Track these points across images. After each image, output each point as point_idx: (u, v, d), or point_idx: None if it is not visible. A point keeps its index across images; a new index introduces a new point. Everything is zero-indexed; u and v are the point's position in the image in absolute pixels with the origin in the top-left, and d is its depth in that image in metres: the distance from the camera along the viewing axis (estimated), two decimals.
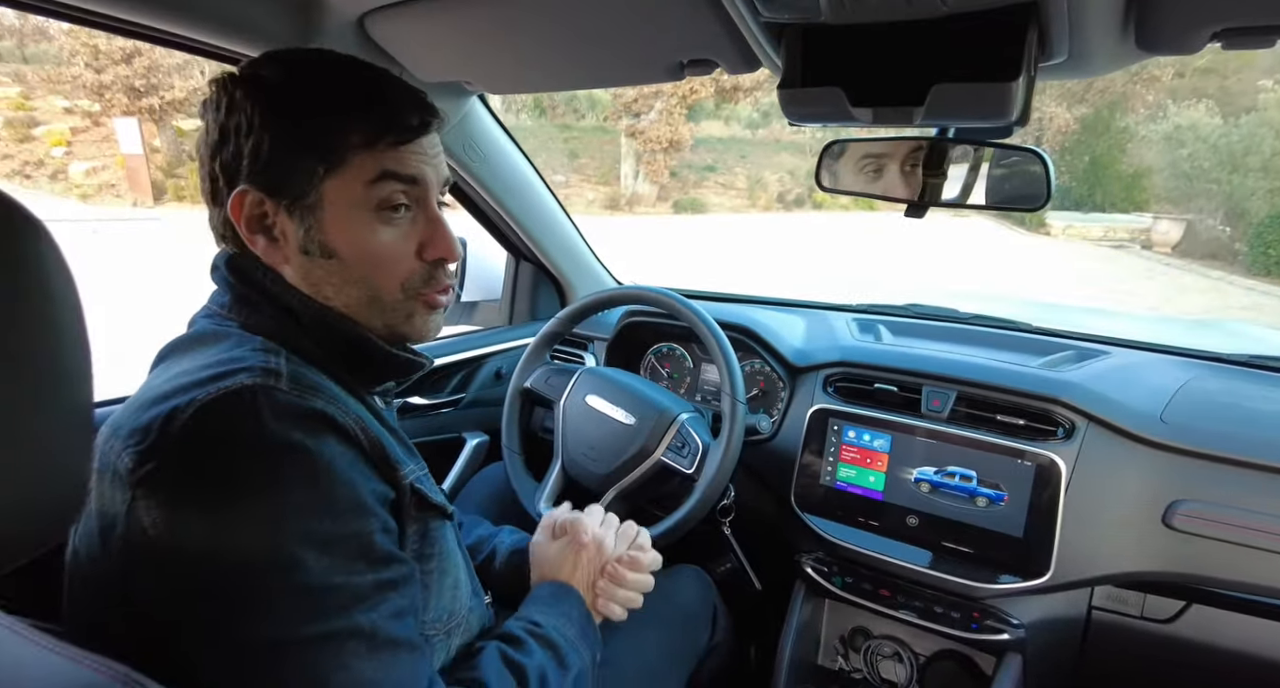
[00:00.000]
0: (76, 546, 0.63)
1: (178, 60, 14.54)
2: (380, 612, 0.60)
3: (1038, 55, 0.68)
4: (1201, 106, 17.10)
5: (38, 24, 15.79)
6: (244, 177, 0.67)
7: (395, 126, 0.68)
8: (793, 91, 0.77)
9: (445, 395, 1.61)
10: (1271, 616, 1.06)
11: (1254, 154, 15.02)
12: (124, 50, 13.50)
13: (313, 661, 0.56)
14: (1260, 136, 15.11)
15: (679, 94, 16.36)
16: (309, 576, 0.56)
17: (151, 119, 14.21)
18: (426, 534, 0.73)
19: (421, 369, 0.80)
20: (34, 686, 0.40)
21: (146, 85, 13.84)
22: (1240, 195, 14.84)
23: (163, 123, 14.49)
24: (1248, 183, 14.84)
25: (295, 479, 0.57)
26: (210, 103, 0.68)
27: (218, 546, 0.54)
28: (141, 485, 0.55)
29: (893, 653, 1.34)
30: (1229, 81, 20.74)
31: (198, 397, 0.57)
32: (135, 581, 0.56)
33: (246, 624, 0.54)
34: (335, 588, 0.57)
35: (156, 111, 14.11)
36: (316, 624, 0.56)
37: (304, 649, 0.55)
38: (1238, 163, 15.13)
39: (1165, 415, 1.15)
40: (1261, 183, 14.74)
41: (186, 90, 14.42)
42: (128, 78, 13.67)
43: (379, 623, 0.59)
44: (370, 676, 0.58)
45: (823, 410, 1.33)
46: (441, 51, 1.06)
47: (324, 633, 0.56)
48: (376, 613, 0.60)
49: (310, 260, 0.69)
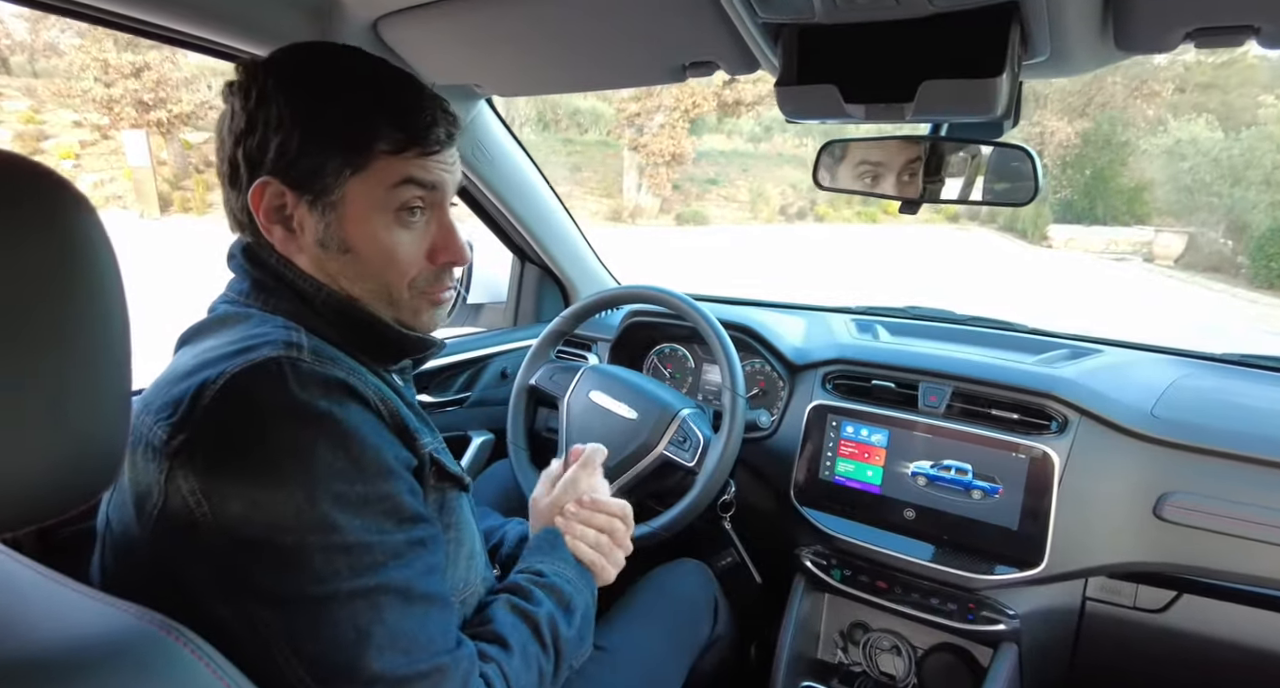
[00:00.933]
0: (109, 516, 0.66)
1: (185, 74, 14.72)
2: (413, 568, 0.63)
3: (1021, 53, 0.72)
4: (1202, 121, 17.21)
5: (48, 40, 15.99)
6: (267, 168, 0.68)
7: (424, 139, 0.71)
8: (789, 89, 0.80)
9: (451, 394, 1.64)
10: (1260, 604, 1.08)
11: (1255, 168, 15.09)
12: (133, 65, 13.68)
13: (351, 614, 0.58)
14: (1261, 150, 15.19)
15: (681, 107, 16.50)
16: (344, 535, 0.58)
17: (159, 132, 14.36)
18: (445, 504, 0.76)
19: (434, 347, 0.82)
20: (76, 628, 0.43)
21: (155, 99, 14.00)
22: (1242, 208, 14.90)
23: (170, 136, 14.63)
24: (1249, 196, 14.91)
25: (324, 444, 0.59)
26: (238, 87, 0.69)
27: (255, 509, 0.57)
28: (177, 456, 0.58)
29: (891, 646, 1.36)
30: (1230, 96, 20.84)
31: (226, 369, 0.59)
32: (174, 547, 0.59)
33: (287, 582, 0.57)
34: (369, 546, 0.60)
35: (164, 125, 14.26)
36: (354, 580, 0.59)
37: (343, 604, 0.58)
38: (1239, 176, 15.20)
39: (1156, 410, 1.18)
40: (1263, 196, 14.80)
41: (194, 104, 14.58)
42: (136, 92, 13.82)
43: (412, 579, 0.62)
44: (406, 627, 0.61)
45: (821, 407, 1.36)
46: (452, 55, 1.10)
47: (361, 588, 0.59)
48: (410, 569, 0.63)
49: (326, 253, 0.71)
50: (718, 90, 17.08)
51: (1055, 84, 21.04)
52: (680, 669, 1.13)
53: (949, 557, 1.21)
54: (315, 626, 0.57)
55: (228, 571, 0.58)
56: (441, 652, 0.63)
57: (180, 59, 15.03)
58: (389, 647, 0.59)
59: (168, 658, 0.43)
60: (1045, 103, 21.02)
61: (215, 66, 18.49)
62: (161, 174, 14.48)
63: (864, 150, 1.14)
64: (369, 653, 0.58)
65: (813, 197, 20.55)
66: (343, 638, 0.58)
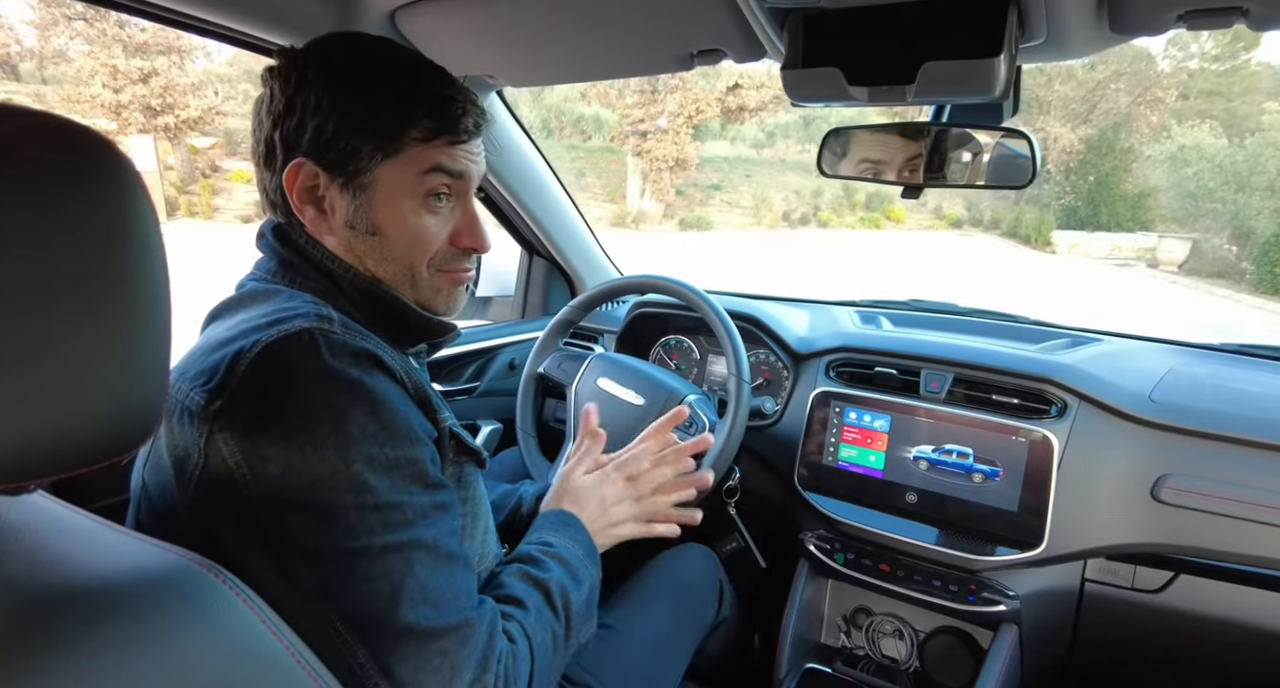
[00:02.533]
0: (145, 480, 0.68)
1: (193, 80, 14.84)
2: (440, 529, 0.66)
3: (1018, 35, 0.75)
4: (1206, 127, 17.21)
5: (58, 47, 16.11)
6: (303, 150, 0.72)
7: (454, 128, 0.74)
8: (794, 73, 0.83)
9: (460, 384, 1.66)
10: (1255, 584, 1.10)
11: (1259, 174, 15.10)
12: (141, 70, 13.81)
13: (385, 569, 0.61)
14: (1266, 157, 15.19)
15: (685, 114, 16.58)
16: (376, 495, 0.61)
17: (166, 137, 14.48)
18: (462, 478, 0.78)
19: (452, 332, 0.86)
20: (119, 564, 0.45)
21: (162, 104, 14.13)
22: (1246, 215, 14.90)
23: (177, 141, 14.75)
24: (1253, 202, 14.91)
25: (357, 409, 0.62)
26: (278, 72, 0.73)
27: (292, 470, 0.59)
28: (216, 420, 0.60)
29: (894, 630, 1.38)
30: (1234, 104, 20.90)
31: (261, 339, 0.62)
32: (215, 507, 0.61)
33: (324, 538, 0.60)
34: (399, 506, 0.63)
35: (171, 130, 14.38)
36: (386, 536, 0.61)
37: (376, 559, 0.61)
38: (1243, 183, 15.20)
39: (1154, 395, 1.20)
40: (1267, 202, 14.81)
41: (201, 109, 14.71)
42: (144, 97, 13.96)
43: (440, 538, 0.66)
44: (435, 583, 0.63)
45: (825, 393, 1.38)
46: (466, 46, 1.13)
47: (393, 544, 0.62)
48: (437, 530, 0.66)
49: (355, 235, 0.75)
50: (721, 96, 17.17)
51: (1059, 90, 21.08)
52: (685, 650, 1.16)
53: (950, 539, 1.23)
54: (351, 579, 0.60)
55: (267, 529, 0.60)
56: (468, 607, 0.66)
57: (188, 65, 15.16)
58: (420, 601, 0.62)
59: (212, 594, 0.45)
60: (1048, 109, 21.07)
61: (222, 73, 18.65)
62: (168, 179, 14.58)
63: (867, 146, 1.17)
64: (402, 606, 0.61)
65: (816, 203, 20.61)
66: (377, 591, 0.60)
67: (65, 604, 0.39)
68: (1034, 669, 1.28)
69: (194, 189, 14.87)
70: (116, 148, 0.41)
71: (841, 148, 1.17)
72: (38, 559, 0.43)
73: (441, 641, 0.62)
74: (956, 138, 1.05)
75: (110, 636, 0.39)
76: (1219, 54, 22.34)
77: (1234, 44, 21.96)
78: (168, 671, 0.40)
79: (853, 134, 1.14)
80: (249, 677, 0.45)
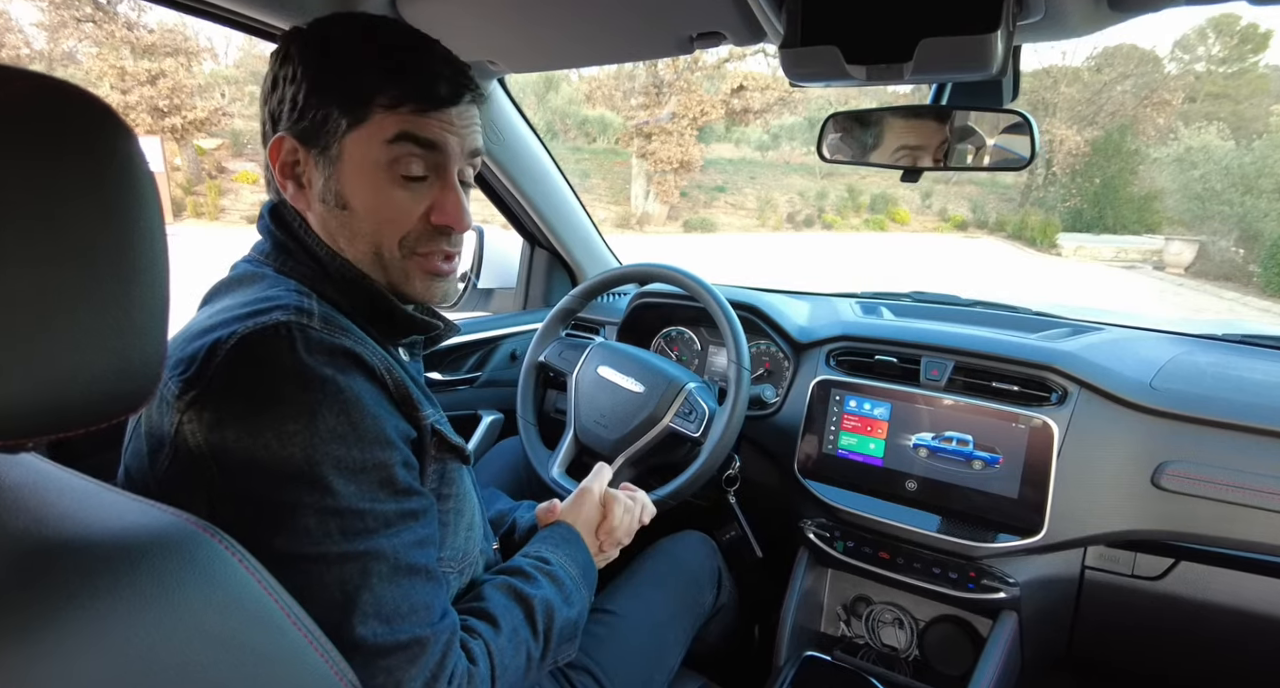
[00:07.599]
0: (128, 464, 0.68)
1: (200, 81, 14.89)
2: (402, 539, 0.64)
3: (1016, 11, 0.75)
4: (1213, 129, 17.13)
5: (66, 49, 16.19)
6: (283, 124, 0.72)
7: (421, 93, 0.70)
8: (793, 52, 0.83)
9: (462, 373, 1.67)
10: (1254, 570, 1.09)
11: (1267, 176, 15.01)
12: (149, 72, 13.87)
13: (340, 578, 0.60)
14: (1273, 159, 15.10)
15: (690, 115, 16.57)
16: (336, 499, 0.60)
17: (173, 138, 14.53)
18: (445, 474, 0.77)
19: (437, 329, 0.83)
20: (117, 521, 0.45)
21: (170, 106, 14.18)
22: (1253, 217, 14.82)
23: (184, 142, 14.80)
24: (1260, 205, 14.82)
25: (326, 407, 0.60)
26: (275, 53, 0.73)
27: (256, 467, 0.58)
28: (189, 409, 0.60)
29: (893, 619, 1.38)
30: (1241, 106, 20.82)
31: (238, 330, 0.61)
32: (182, 498, 0.60)
33: (282, 540, 0.59)
34: (360, 513, 0.61)
35: (178, 131, 14.43)
36: (344, 544, 0.60)
37: (331, 566, 0.60)
38: (1250, 185, 15.12)
39: (1155, 382, 1.19)
40: (1275, 205, 14.72)
41: (208, 110, 14.77)
42: (152, 99, 14.01)
43: (400, 549, 0.64)
44: (390, 597, 0.62)
45: (825, 382, 1.38)
46: (468, 31, 1.14)
47: (351, 553, 0.60)
48: (399, 540, 0.64)
49: (327, 210, 0.73)
50: (726, 98, 17.16)
51: (1064, 92, 21.03)
52: (684, 635, 1.16)
53: (950, 526, 1.23)
54: (304, 586, 0.57)
55: (229, 524, 0.58)
56: (423, 624, 0.64)
57: (195, 66, 15.22)
58: (372, 615, 0.61)
59: (209, 553, 0.45)
60: (1054, 111, 21.04)
61: (229, 74, 18.75)
62: (175, 180, 14.65)
63: (867, 130, 1.16)
64: (353, 618, 0.60)
65: (820, 205, 20.61)
66: (329, 600, 0.59)
67: (66, 558, 0.40)
68: (1033, 657, 1.27)
69: (200, 190, 14.93)
70: (115, 113, 0.41)
71: (841, 134, 1.17)
72: (38, 516, 0.43)
73: (389, 658, 0.61)
74: (956, 120, 1.05)
75: (109, 587, 0.39)
76: (1226, 57, 22.27)
77: (1242, 47, 21.90)
78: (167, 623, 0.41)
79: (852, 118, 1.14)
80: (245, 632, 0.46)
